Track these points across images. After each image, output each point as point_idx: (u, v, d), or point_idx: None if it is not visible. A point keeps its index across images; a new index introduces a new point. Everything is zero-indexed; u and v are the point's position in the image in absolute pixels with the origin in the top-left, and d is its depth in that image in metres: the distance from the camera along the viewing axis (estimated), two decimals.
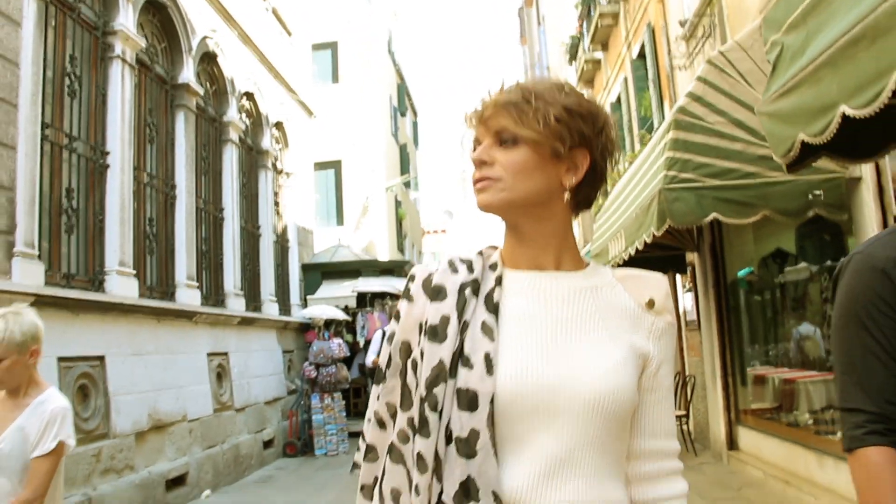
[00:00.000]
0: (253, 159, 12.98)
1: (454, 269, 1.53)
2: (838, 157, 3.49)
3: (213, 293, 10.77)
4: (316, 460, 12.25)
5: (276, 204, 14.09)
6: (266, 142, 13.36)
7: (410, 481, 1.42)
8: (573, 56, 18.11)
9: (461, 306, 1.46)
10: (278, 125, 14.22)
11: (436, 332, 1.44)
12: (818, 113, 2.94)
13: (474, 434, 1.35)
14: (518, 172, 1.42)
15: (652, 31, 11.48)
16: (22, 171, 6.29)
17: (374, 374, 8.78)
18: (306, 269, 15.55)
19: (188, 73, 9.97)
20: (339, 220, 21.87)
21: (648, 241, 6.42)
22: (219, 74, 11.32)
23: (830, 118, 2.85)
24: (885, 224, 5.27)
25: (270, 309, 12.97)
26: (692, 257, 9.77)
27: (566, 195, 1.46)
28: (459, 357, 1.41)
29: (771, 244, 7.97)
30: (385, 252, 22.20)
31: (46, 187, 6.73)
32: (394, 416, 1.51)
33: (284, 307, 14.00)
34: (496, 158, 1.43)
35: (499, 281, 1.49)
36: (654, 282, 1.52)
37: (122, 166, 8.07)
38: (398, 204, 25.54)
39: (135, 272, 8.10)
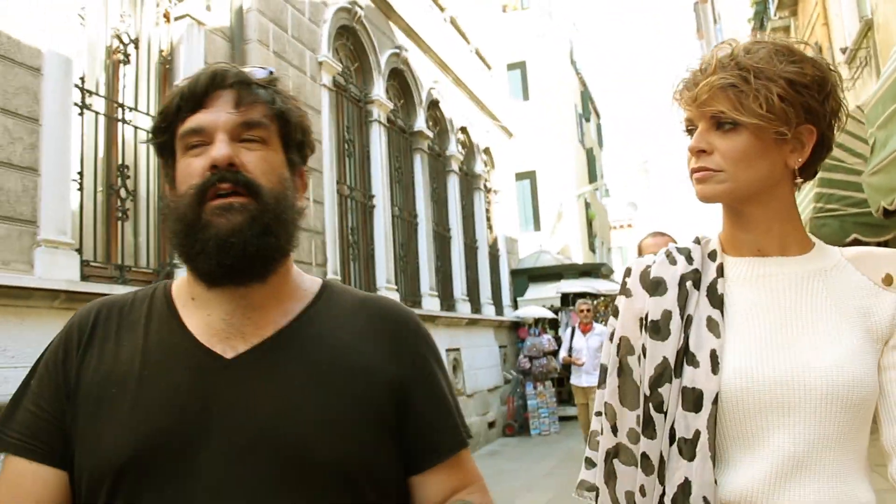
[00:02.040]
0: (468, 183, 15.24)
1: (672, 261, 1.47)
2: None
3: (445, 299, 13.07)
4: (531, 439, 14.23)
5: (488, 219, 16.31)
6: (478, 167, 15.62)
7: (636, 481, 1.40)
8: None
9: (683, 300, 1.40)
10: (486, 150, 16.43)
11: (658, 329, 1.40)
12: (891, 190, 4.65)
13: (697, 435, 1.30)
14: (740, 161, 1.33)
15: (819, 49, 12.68)
16: (329, 220, 8.78)
17: (568, 368, 10.48)
18: (514, 274, 17.70)
19: (420, 121, 12.33)
20: (536, 226, 23.96)
21: None
22: (441, 117, 13.62)
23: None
24: None
25: (488, 311, 15.18)
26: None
27: (795, 177, 1.38)
28: (685, 354, 1.36)
29: None
30: (578, 253, 24.02)
31: (339, 228, 9.22)
32: (613, 418, 1.47)
33: (498, 309, 16.18)
34: (715, 146, 1.34)
35: (720, 271, 1.42)
36: (889, 256, 1.38)
37: (385, 205, 10.50)
38: (587, 206, 27.26)
39: (396, 287, 10.54)
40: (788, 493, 1.26)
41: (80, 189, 5.77)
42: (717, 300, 1.38)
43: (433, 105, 13.18)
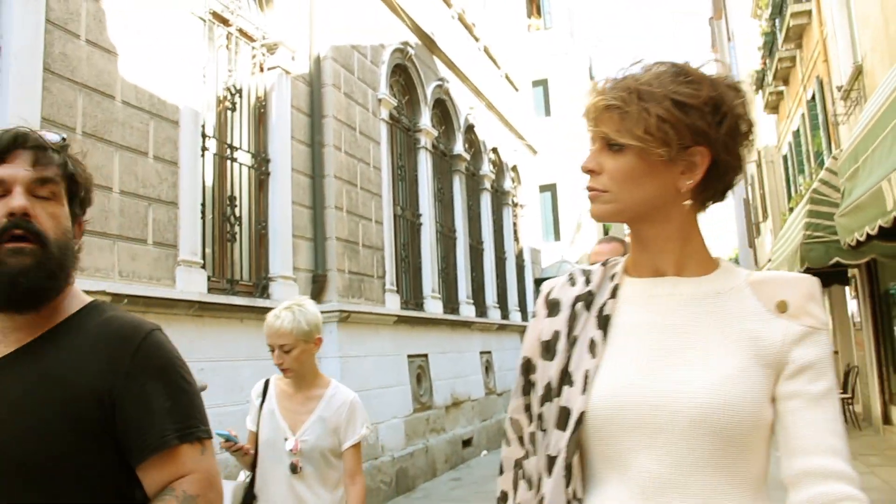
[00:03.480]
0: (498, 199, 16.52)
1: (572, 282, 1.49)
2: (891, 239, 6.40)
3: (479, 306, 14.34)
4: None
5: (515, 232, 17.59)
6: (507, 183, 16.93)
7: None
8: (759, 86, 20.29)
9: (572, 321, 1.42)
10: (514, 168, 17.71)
11: (548, 349, 1.43)
12: (857, 229, 5.93)
13: (558, 454, 1.33)
14: (624, 182, 1.34)
15: (820, 82, 13.82)
16: (387, 238, 10.11)
17: None
18: (538, 282, 18.97)
19: (459, 145, 13.65)
20: (557, 237, 25.25)
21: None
22: (475, 139, 14.90)
23: (862, 233, 5.85)
24: None
25: (515, 317, 16.46)
26: (854, 271, 12.33)
27: (687, 199, 1.35)
28: (565, 374, 1.37)
29: None
30: None
31: (394, 244, 10.54)
32: (520, 431, 1.53)
33: (524, 315, 17.44)
34: (604, 166, 1.35)
35: (614, 292, 1.42)
36: (791, 283, 1.35)
37: (430, 223, 11.83)
38: None
39: (440, 296, 11.88)
40: None
41: (203, 217, 7.08)
42: (602, 321, 1.38)
43: (469, 129, 14.46)
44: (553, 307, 1.47)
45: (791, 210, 15.34)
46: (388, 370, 9.63)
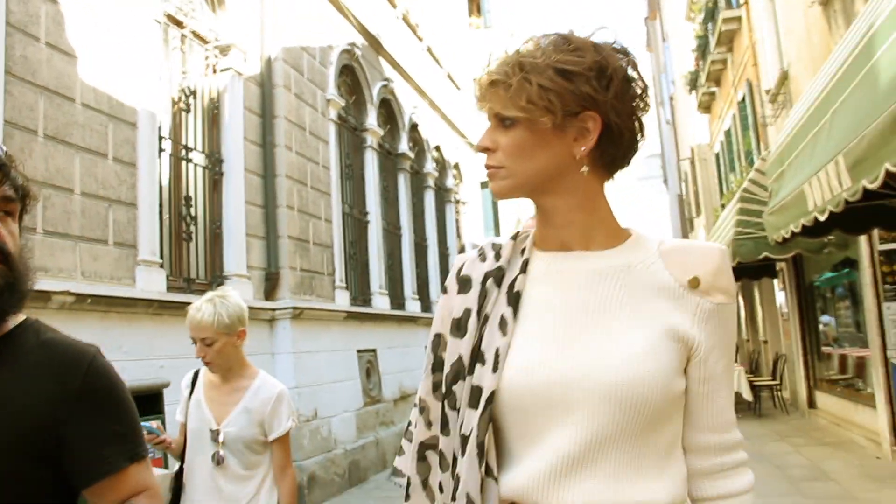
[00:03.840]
0: (441, 196, 16.79)
1: (483, 257, 1.47)
2: (813, 236, 6.88)
3: (423, 301, 14.60)
4: None
5: (458, 228, 17.91)
6: (449, 181, 17.23)
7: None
8: (692, 87, 20.98)
9: (483, 298, 1.40)
10: (456, 165, 18.01)
11: (459, 326, 1.40)
12: (783, 227, 6.37)
13: (471, 432, 1.30)
14: (517, 156, 1.33)
15: (750, 85, 14.44)
16: (336, 235, 10.31)
17: None
18: None
19: (403, 144, 13.89)
20: (497, 232, 25.63)
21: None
22: (419, 138, 15.16)
23: (787, 230, 6.28)
24: (871, 251, 8.54)
25: None
26: (782, 265, 12.94)
27: (583, 166, 1.33)
28: (477, 353, 1.35)
29: (834, 258, 11.12)
30: None
31: (343, 242, 10.75)
32: (428, 414, 1.49)
33: None
34: (498, 143, 1.34)
35: (524, 267, 1.40)
36: (701, 255, 1.34)
37: (376, 220, 12.06)
38: None
39: (388, 292, 12.12)
40: (564, 491, 1.25)
41: (160, 217, 7.20)
42: (512, 298, 1.37)
43: (413, 128, 14.70)
44: (464, 284, 1.45)
45: (723, 206, 16.01)
46: (340, 365, 9.83)
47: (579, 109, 1.28)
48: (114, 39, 6.66)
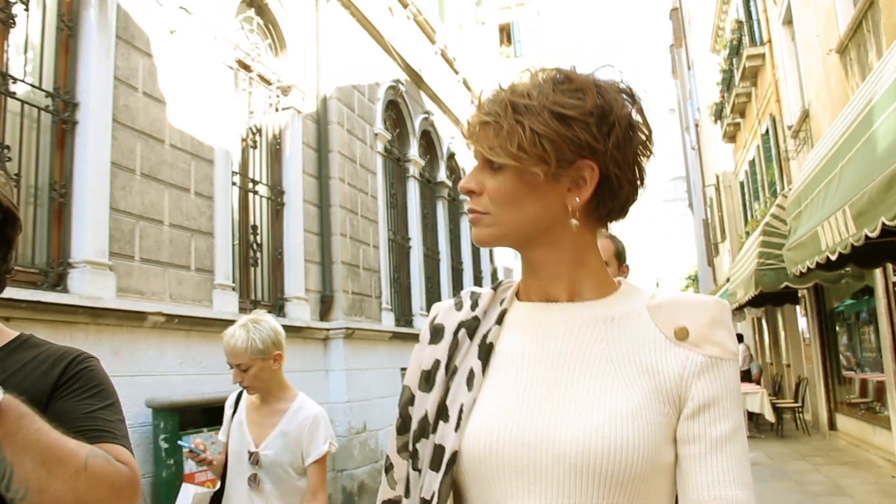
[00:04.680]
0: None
1: (459, 306, 1.35)
2: (829, 270, 7.51)
3: None
4: None
5: (491, 252, 18.65)
6: None
7: None
8: (717, 117, 21.53)
9: (453, 349, 1.29)
10: None
11: (427, 379, 1.30)
12: (800, 262, 7.01)
13: (432, 497, 1.18)
14: (504, 204, 1.20)
15: (773, 119, 14.96)
16: (383, 261, 11.06)
17: None
18: None
19: (442, 173, 14.65)
20: None
21: (749, 298, 10.66)
22: (456, 166, 15.91)
23: (804, 265, 6.92)
24: (886, 282, 9.13)
25: None
26: (803, 292, 13.52)
27: (574, 218, 1.20)
28: (442, 409, 1.24)
29: (853, 287, 11.70)
30: None
31: (389, 267, 11.49)
32: (393, 478, 1.39)
33: None
34: (485, 185, 1.22)
35: (500, 318, 1.29)
36: (692, 307, 1.19)
37: (418, 246, 12.81)
38: None
39: (427, 313, 12.82)
40: None
41: (232, 245, 7.96)
42: (483, 350, 1.25)
43: (451, 157, 15.46)
44: (436, 333, 1.34)
45: (747, 234, 16.61)
46: (386, 381, 10.53)
47: (575, 158, 1.17)
48: (194, 85, 7.45)
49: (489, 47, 21.39)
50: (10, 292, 4.82)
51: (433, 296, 13.84)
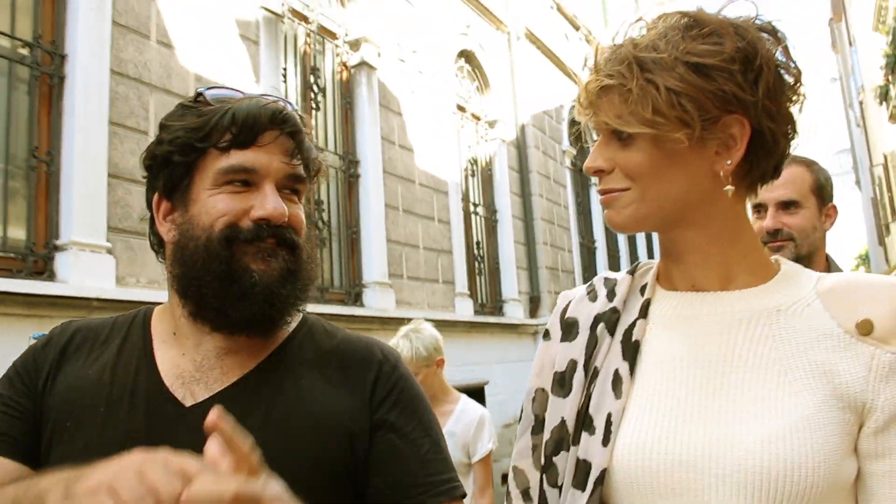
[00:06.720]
0: None
1: (593, 296, 1.21)
2: None
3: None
4: None
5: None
6: None
7: None
8: (882, 99, 21.61)
9: (592, 347, 1.14)
10: None
11: (562, 382, 1.15)
12: None
13: None
14: (644, 177, 1.05)
15: None
16: (576, 264, 12.61)
17: None
18: None
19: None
20: None
21: None
22: None
23: None
24: None
25: None
26: None
27: (727, 185, 1.04)
28: (584, 417, 1.09)
29: None
30: None
31: (581, 269, 13.01)
32: (525, 484, 1.20)
33: None
34: (615, 161, 1.07)
35: (644, 310, 1.14)
36: (875, 292, 1.00)
37: (603, 248, 14.27)
38: None
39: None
40: None
41: (466, 260, 9.66)
42: (630, 349, 1.10)
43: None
44: (569, 329, 1.20)
45: None
46: None
47: (721, 114, 1.01)
48: (429, 131, 9.19)
49: None
50: (324, 307, 6.61)
51: None
